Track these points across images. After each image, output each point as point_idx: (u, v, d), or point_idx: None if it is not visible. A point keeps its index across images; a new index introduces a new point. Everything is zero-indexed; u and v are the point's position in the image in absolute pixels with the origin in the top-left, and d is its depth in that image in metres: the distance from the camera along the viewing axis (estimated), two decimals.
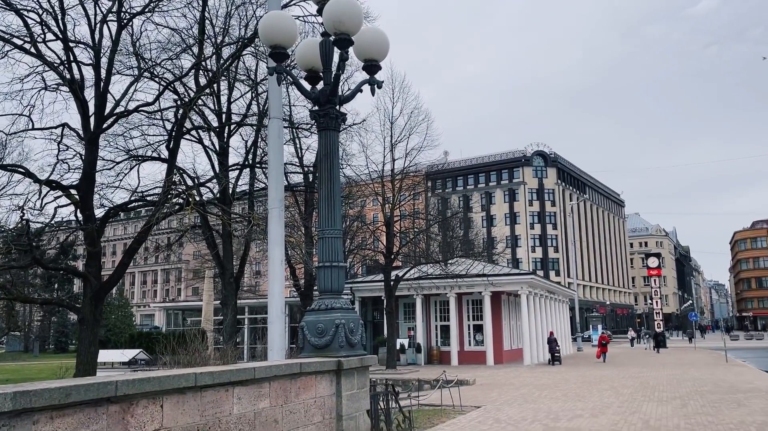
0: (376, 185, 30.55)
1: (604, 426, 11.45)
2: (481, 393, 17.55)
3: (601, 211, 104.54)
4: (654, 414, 12.98)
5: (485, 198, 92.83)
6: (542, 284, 35.10)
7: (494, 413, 13.44)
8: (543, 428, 11.26)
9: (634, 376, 22.77)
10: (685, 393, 16.79)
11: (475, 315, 33.26)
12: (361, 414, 7.95)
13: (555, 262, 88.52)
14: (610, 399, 15.65)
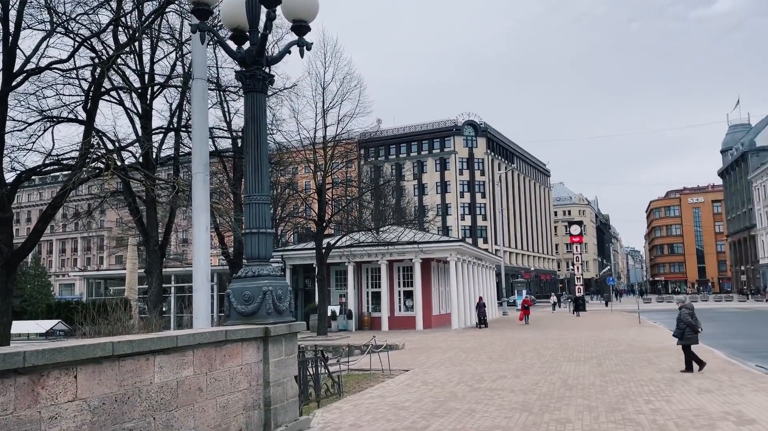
0: (308, 152, 30.17)
1: (525, 385, 11.93)
2: (409, 357, 17.91)
3: (527, 180, 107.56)
4: (572, 373, 13.63)
5: (417, 166, 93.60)
6: (470, 251, 35.93)
7: (422, 376, 13.75)
8: (468, 389, 11.62)
9: (554, 338, 23.81)
10: (602, 353, 17.71)
11: (405, 282, 33.74)
12: (288, 380, 7.92)
13: (483, 230, 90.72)
14: (532, 361, 16.31)
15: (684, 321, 14.08)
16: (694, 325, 14.08)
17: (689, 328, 14.01)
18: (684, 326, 14.05)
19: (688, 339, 14.01)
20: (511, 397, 10.54)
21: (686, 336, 14.00)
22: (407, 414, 9.23)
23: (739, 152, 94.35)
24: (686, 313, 14.27)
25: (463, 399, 10.39)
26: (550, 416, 8.83)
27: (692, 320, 14.12)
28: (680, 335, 14.10)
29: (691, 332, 14.01)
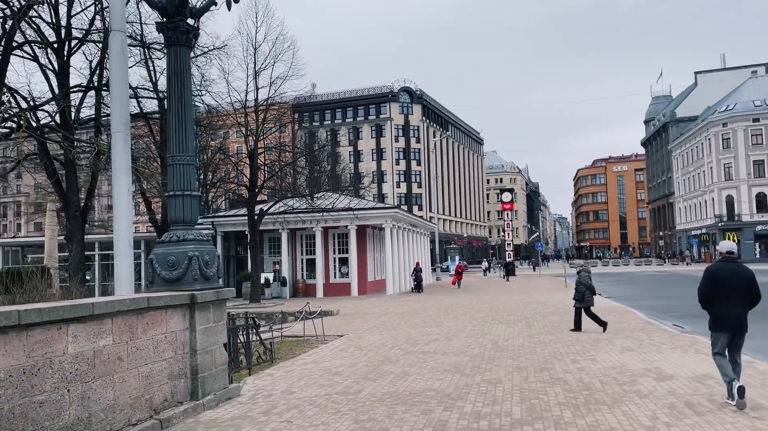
0: (239, 115, 29.24)
1: (457, 347, 12.09)
2: (344, 323, 17.88)
3: (462, 148, 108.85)
4: (502, 335, 13.94)
5: (353, 133, 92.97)
6: (405, 218, 36.11)
7: (356, 341, 13.74)
8: (402, 352, 11.67)
9: (485, 302, 24.36)
10: (530, 316, 18.23)
11: (341, 249, 33.60)
12: (217, 348, 7.67)
13: (418, 197, 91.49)
14: (464, 323, 16.60)
15: (584, 284, 14.63)
16: (593, 287, 14.72)
17: (588, 290, 14.59)
18: (584, 289, 14.62)
19: (588, 302, 14.59)
20: (443, 360, 10.65)
21: (586, 298, 14.58)
22: (341, 379, 9.17)
23: (661, 123, 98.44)
24: (586, 276, 14.80)
25: (397, 363, 10.42)
26: (481, 377, 8.96)
27: (591, 283, 14.73)
28: (580, 297, 14.65)
29: (590, 294, 14.62)
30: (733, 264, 7.22)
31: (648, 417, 6.41)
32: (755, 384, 7.97)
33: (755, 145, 69.72)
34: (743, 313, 7.04)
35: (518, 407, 7.01)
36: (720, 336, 7.09)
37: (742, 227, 69.33)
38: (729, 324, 7.02)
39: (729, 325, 7.02)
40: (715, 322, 7.13)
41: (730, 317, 7.00)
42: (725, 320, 7.03)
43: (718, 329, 7.11)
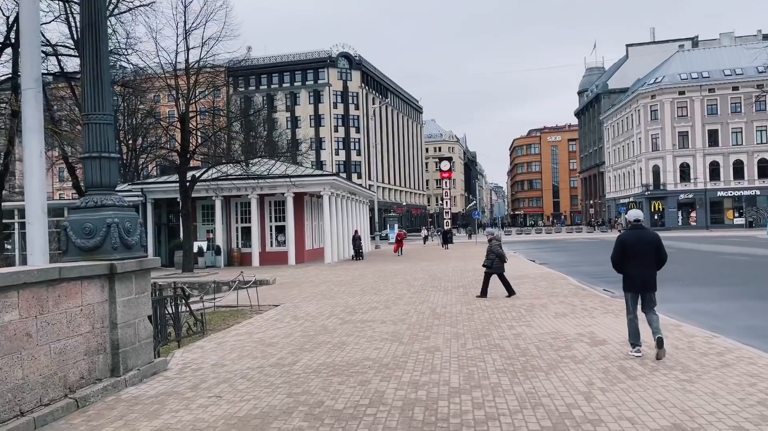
0: (169, 77, 27.87)
1: (396, 316, 11.99)
2: (280, 292, 17.52)
3: (401, 116, 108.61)
4: (441, 302, 13.94)
5: (290, 98, 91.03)
6: (344, 185, 35.73)
7: (292, 310, 13.43)
8: (339, 322, 11.46)
9: (424, 269, 24.47)
10: (468, 283, 18.37)
11: (277, 217, 32.98)
12: (141, 321, 7.21)
13: (357, 165, 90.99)
14: (403, 291, 16.54)
15: (494, 252, 14.79)
16: (503, 255, 14.89)
17: (498, 258, 14.75)
18: (494, 256, 14.77)
19: (497, 269, 14.76)
20: (381, 328, 10.50)
21: (495, 265, 14.74)
22: (275, 350, 8.87)
23: (593, 94, 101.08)
24: (496, 245, 14.96)
25: (334, 333, 10.21)
26: (419, 345, 8.85)
27: (501, 251, 14.91)
28: (490, 264, 14.79)
29: (500, 262, 14.78)
30: (640, 231, 7.93)
31: (584, 383, 6.43)
32: (682, 347, 8.19)
33: (680, 117, 72.60)
34: (651, 274, 7.78)
35: (456, 375, 6.92)
36: (630, 295, 7.92)
37: (667, 196, 72.53)
38: (637, 284, 7.79)
39: (638, 285, 7.79)
40: (626, 283, 7.91)
41: (639, 278, 7.76)
42: (634, 281, 7.80)
43: (628, 289, 7.91)
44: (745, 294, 14.52)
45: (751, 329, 10.06)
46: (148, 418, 5.67)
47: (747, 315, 11.43)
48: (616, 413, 5.36)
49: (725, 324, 10.51)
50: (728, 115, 71.07)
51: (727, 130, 71.27)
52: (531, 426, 5.10)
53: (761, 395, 5.79)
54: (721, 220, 71.20)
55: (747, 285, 16.44)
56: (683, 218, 72.80)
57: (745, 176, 70.79)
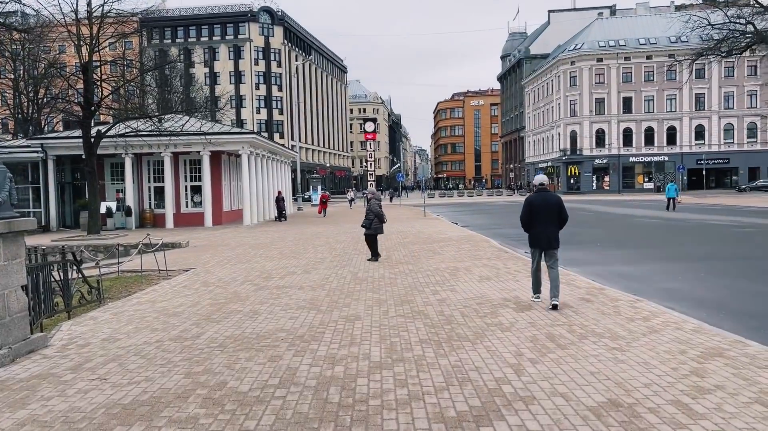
0: (70, 24, 25.36)
1: (315, 281, 11.33)
2: (193, 256, 16.45)
3: (325, 75, 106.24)
4: (363, 266, 13.38)
5: (209, 53, 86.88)
6: (264, 144, 34.32)
7: (203, 276, 12.50)
8: (254, 288, 10.68)
9: (347, 232, 23.86)
10: (391, 246, 17.92)
11: (193, 176, 31.33)
12: (12, 292, 6.18)
13: (280, 125, 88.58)
14: (324, 255, 15.88)
15: (373, 212, 14.34)
16: (382, 215, 14.43)
17: (377, 218, 14.32)
18: (373, 216, 14.32)
19: (376, 229, 14.36)
20: (299, 295, 9.82)
21: (374, 226, 14.32)
22: (179, 321, 8.01)
23: (516, 59, 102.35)
24: (375, 204, 14.48)
25: (247, 300, 9.43)
26: (339, 313, 8.24)
27: (381, 211, 14.45)
28: (368, 225, 14.34)
29: (378, 222, 14.36)
30: (544, 194, 8.63)
31: (512, 354, 6.02)
32: (608, 312, 7.98)
33: (598, 84, 74.66)
34: (553, 232, 8.58)
35: (377, 347, 6.35)
36: (535, 251, 8.72)
37: (583, 161, 74.94)
38: (542, 241, 8.56)
39: (542, 242, 8.57)
40: (532, 240, 8.71)
41: (542, 235, 8.54)
42: (539, 238, 8.59)
43: (534, 245, 8.70)
44: (661, 256, 14.79)
45: (671, 292, 10.08)
46: (12, 408, 4.77)
47: (665, 278, 11.52)
48: (548, 388, 4.95)
49: (646, 287, 10.51)
50: (642, 83, 73.71)
51: (641, 97, 74.01)
52: (459, 406, 4.60)
53: (693, 364, 5.55)
54: (632, 185, 74.47)
55: (661, 247, 16.84)
56: (597, 182, 75.58)
57: (655, 143, 74.04)
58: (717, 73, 70.59)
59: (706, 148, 72.22)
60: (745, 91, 72.19)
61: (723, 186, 74.43)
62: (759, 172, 72.09)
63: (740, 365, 5.47)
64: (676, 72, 66.39)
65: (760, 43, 41.42)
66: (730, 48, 41.86)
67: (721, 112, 72.90)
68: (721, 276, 11.56)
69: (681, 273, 11.92)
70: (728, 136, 73.58)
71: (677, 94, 72.65)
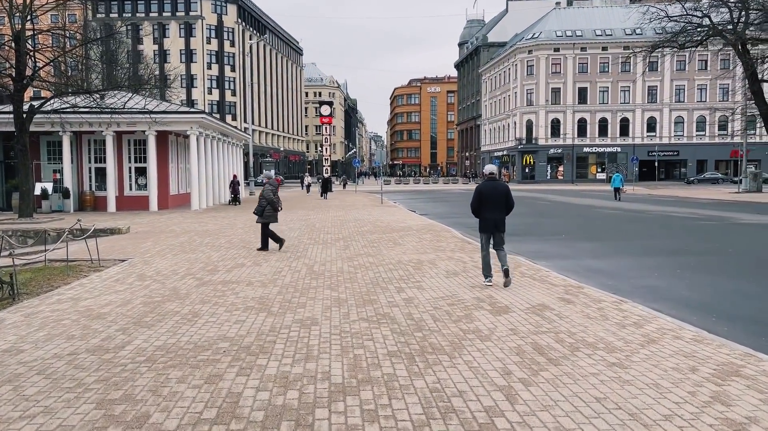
0: None
1: (266, 275, 10.23)
2: (132, 244, 15.06)
3: (280, 56, 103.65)
4: (319, 257, 12.33)
5: (158, 29, 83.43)
6: (214, 125, 32.63)
7: (141, 267, 11.21)
8: (196, 283, 9.51)
9: (301, 219, 22.71)
10: (348, 235, 16.90)
11: (138, 157, 29.51)
12: None
13: (232, 106, 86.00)
14: (277, 244, 14.72)
15: (266, 198, 13.39)
16: (275, 202, 13.50)
17: (270, 206, 13.40)
18: (265, 203, 13.39)
19: (268, 218, 13.46)
20: (247, 292, 8.71)
21: (266, 214, 13.41)
22: (103, 325, 6.80)
23: (473, 46, 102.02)
24: (269, 190, 13.53)
25: (187, 298, 8.27)
26: (293, 316, 7.19)
27: (274, 197, 13.52)
28: (260, 212, 13.43)
29: (271, 210, 13.45)
30: (493, 182, 9.32)
31: (499, 372, 5.10)
32: (595, 316, 7.19)
33: (554, 74, 74.94)
34: (501, 217, 9.21)
35: (339, 363, 5.34)
36: (484, 235, 9.31)
37: (538, 150, 75.29)
38: (490, 226, 9.19)
39: (491, 227, 9.20)
40: (482, 225, 9.30)
41: (490, 221, 9.17)
42: (487, 223, 9.20)
43: (483, 230, 9.30)
44: (630, 250, 14.24)
45: (652, 290, 9.40)
46: None
47: (641, 274, 10.88)
48: (551, 423, 4.04)
49: (624, 284, 9.82)
50: (597, 74, 74.33)
51: (596, 88, 74.66)
52: None
53: (711, 386, 4.74)
54: (586, 175, 75.29)
55: (628, 240, 16.34)
56: (552, 172, 76.10)
57: (608, 134, 74.93)
58: (669, 66, 71.72)
59: (657, 140, 73.52)
60: (696, 85, 73.70)
61: (672, 178, 76.05)
62: (706, 164, 73.92)
63: (764, 387, 4.69)
64: (630, 64, 67.17)
65: (716, 36, 41.92)
66: (686, 40, 42.22)
67: (672, 105, 74.28)
68: (697, 272, 10.99)
69: (656, 269, 11.31)
70: (678, 129, 75.10)
71: (631, 86, 73.60)
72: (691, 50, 46.55)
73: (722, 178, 69.57)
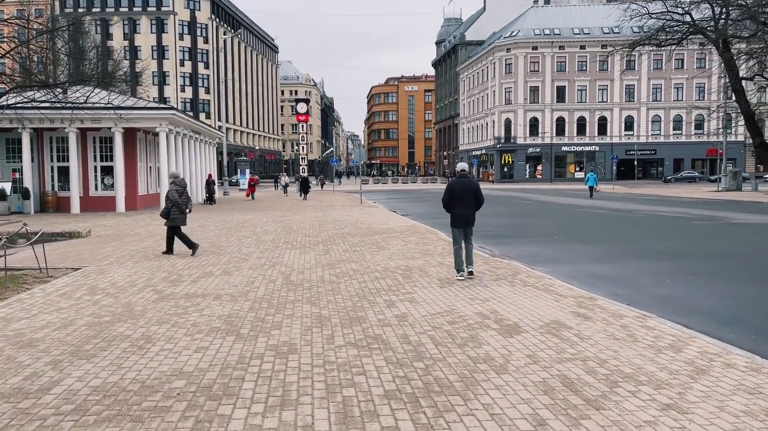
0: None
1: (237, 286, 9.03)
2: (91, 249, 13.71)
3: (255, 54, 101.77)
4: (297, 264, 11.15)
5: (129, 25, 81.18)
6: (185, 122, 31.14)
7: (94, 278, 9.92)
8: (156, 296, 8.27)
9: (277, 220, 21.47)
10: (328, 238, 15.75)
11: (104, 155, 27.95)
12: None
13: (206, 104, 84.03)
14: (250, 249, 13.52)
15: (171, 200, 12.28)
16: (180, 204, 12.35)
17: (175, 207, 12.29)
18: (170, 205, 12.30)
19: (174, 220, 12.36)
20: (214, 308, 7.52)
21: (172, 216, 12.31)
22: (31, 356, 5.56)
23: (451, 45, 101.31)
24: (173, 190, 12.39)
25: (142, 317, 7.05)
26: (266, 340, 6.02)
27: (180, 198, 12.35)
28: (166, 214, 12.35)
29: (177, 212, 12.34)
30: (464, 179, 9.63)
31: (529, 420, 4.01)
32: (621, 336, 6.15)
33: (533, 72, 74.48)
34: (471, 213, 9.57)
35: (324, 410, 4.20)
36: (456, 230, 9.58)
37: (517, 149, 74.76)
38: (461, 221, 9.51)
39: (461, 222, 9.51)
40: (454, 220, 9.61)
41: (461, 216, 9.49)
42: (459, 218, 9.51)
43: (455, 225, 9.58)
44: (630, 253, 13.31)
45: (669, 301, 8.43)
46: None
47: (651, 281, 9.92)
48: None
49: (637, 294, 8.83)
50: (575, 73, 74.05)
51: (574, 87, 74.37)
52: None
53: None
54: (564, 174, 74.97)
55: (624, 242, 15.44)
56: (530, 171, 75.65)
57: (586, 132, 74.71)
58: (646, 65, 71.72)
59: (635, 138, 73.50)
60: (673, 84, 73.85)
61: (649, 176, 76.10)
62: (683, 163, 74.11)
63: None
64: (608, 63, 66.97)
65: (697, 33, 41.58)
66: (667, 38, 41.83)
67: (649, 103, 74.32)
68: (712, 278, 10.06)
69: (666, 275, 10.36)
70: (655, 128, 75.20)
71: (609, 84, 73.47)
72: (669, 49, 46.32)
73: (699, 176, 69.76)
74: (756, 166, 71.88)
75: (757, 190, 43.14)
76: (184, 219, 12.66)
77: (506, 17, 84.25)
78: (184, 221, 12.62)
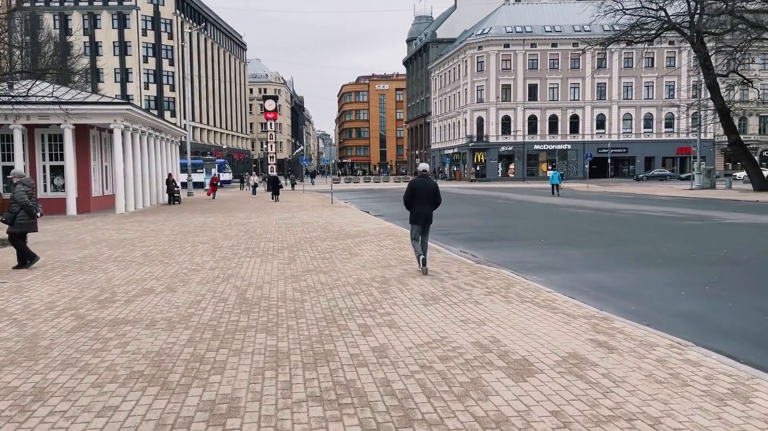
0: None
1: (179, 307, 7.47)
2: (15, 259, 11.95)
3: (222, 51, 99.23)
4: (256, 277, 9.62)
5: (89, 20, 78.17)
6: (143, 118, 29.19)
7: (7, 297, 8.23)
8: (73, 324, 6.67)
9: (240, 223, 19.82)
10: (294, 242, 14.22)
11: (54, 154, 25.92)
12: None
13: (171, 102, 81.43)
14: (205, 257, 11.92)
15: (19, 203, 10.46)
16: (30, 208, 10.59)
17: (25, 211, 10.52)
18: (18, 209, 10.48)
19: (22, 226, 10.60)
20: (142, 341, 5.96)
21: (19, 221, 10.53)
22: None
23: (422, 43, 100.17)
24: (22, 191, 10.51)
25: (44, 357, 5.46)
26: (199, 396, 4.49)
27: (30, 200, 10.59)
28: (11, 220, 10.48)
29: (26, 216, 10.59)
30: (425, 179, 9.91)
31: None
32: (659, 374, 4.79)
33: (504, 70, 73.72)
34: (429, 211, 9.78)
35: None
36: (415, 227, 9.84)
37: (489, 147, 73.92)
38: (420, 218, 9.73)
39: (421, 219, 9.73)
40: (413, 217, 9.83)
41: (421, 214, 9.71)
42: (418, 216, 9.73)
43: (414, 222, 9.82)
44: (628, 258, 12.09)
45: (694, 320, 7.14)
46: None
47: (662, 293, 8.66)
48: None
49: (652, 311, 7.53)
50: (547, 71, 73.51)
51: (546, 85, 73.83)
52: None
53: None
54: (536, 173, 74.36)
55: (618, 245, 14.25)
56: (503, 169, 74.90)
57: (558, 131, 74.23)
58: (617, 63, 71.53)
59: (606, 137, 73.22)
60: (643, 82, 73.82)
61: (621, 175, 75.97)
62: (654, 161, 74.15)
63: None
64: (579, 61, 66.52)
65: (671, 29, 41.03)
66: (642, 34, 41.20)
67: (620, 102, 74.17)
68: (731, 290, 8.81)
69: (675, 285, 9.11)
70: (626, 126, 75.13)
71: (581, 82, 73.11)
72: (641, 47, 45.77)
73: (670, 174, 69.84)
74: (725, 164, 72.30)
75: (731, 187, 42.81)
76: (35, 225, 10.83)
77: (478, 15, 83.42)
78: (34, 227, 10.80)
